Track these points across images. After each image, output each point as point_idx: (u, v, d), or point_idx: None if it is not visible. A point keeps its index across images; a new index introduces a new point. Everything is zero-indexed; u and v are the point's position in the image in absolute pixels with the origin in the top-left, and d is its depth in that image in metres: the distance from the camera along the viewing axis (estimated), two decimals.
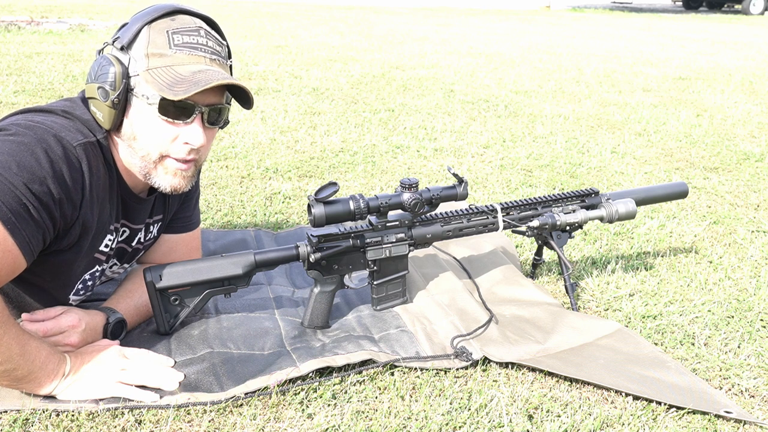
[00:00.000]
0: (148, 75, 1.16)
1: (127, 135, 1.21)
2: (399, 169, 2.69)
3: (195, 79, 1.15)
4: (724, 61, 6.46)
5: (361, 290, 1.57)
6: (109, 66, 1.16)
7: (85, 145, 1.16)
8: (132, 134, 1.20)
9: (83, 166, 1.14)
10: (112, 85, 1.15)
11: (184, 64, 1.17)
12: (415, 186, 1.45)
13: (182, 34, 1.18)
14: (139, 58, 1.16)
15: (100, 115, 1.19)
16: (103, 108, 1.17)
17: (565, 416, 1.21)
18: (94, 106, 1.19)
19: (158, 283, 1.35)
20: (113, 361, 1.22)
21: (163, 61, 1.16)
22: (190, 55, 1.18)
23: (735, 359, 1.44)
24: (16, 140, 1.08)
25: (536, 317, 1.53)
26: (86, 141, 1.17)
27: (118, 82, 1.15)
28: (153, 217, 1.42)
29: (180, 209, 1.50)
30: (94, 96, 1.17)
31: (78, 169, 1.14)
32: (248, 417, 1.17)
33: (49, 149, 1.10)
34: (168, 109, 1.16)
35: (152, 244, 1.48)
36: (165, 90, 1.14)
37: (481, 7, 13.97)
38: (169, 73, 1.16)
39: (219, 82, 1.15)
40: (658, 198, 1.81)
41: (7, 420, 1.12)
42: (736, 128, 3.64)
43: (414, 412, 1.20)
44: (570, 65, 5.81)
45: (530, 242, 2.01)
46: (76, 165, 1.13)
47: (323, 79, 4.57)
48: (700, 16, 14.16)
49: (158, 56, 1.16)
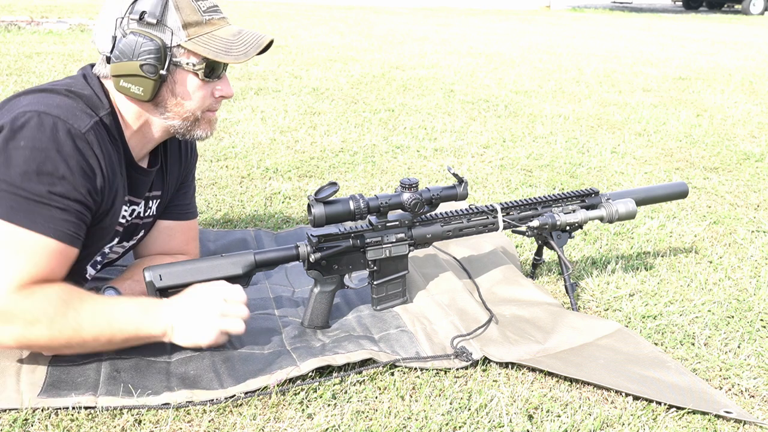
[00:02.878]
0: (192, 44, 1.23)
1: (165, 103, 1.28)
2: (399, 169, 2.69)
3: (242, 40, 1.27)
4: (724, 61, 6.46)
5: (361, 290, 1.57)
6: (149, 42, 1.20)
7: (93, 127, 1.20)
8: (174, 101, 1.28)
9: (95, 150, 1.19)
10: (159, 60, 1.21)
11: (220, 27, 1.27)
12: (415, 186, 1.45)
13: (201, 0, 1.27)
14: (176, 30, 1.22)
15: (137, 89, 1.23)
16: (145, 83, 1.23)
17: (565, 416, 1.21)
18: (129, 82, 1.23)
19: (158, 283, 1.35)
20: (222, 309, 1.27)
21: (202, 29, 1.25)
22: (218, 19, 1.28)
23: (735, 359, 1.44)
24: (28, 147, 1.12)
25: (536, 317, 1.53)
26: (93, 123, 1.20)
27: (164, 55, 1.21)
28: (152, 192, 1.45)
29: (177, 195, 1.55)
30: (135, 73, 1.21)
31: (92, 155, 1.18)
32: (248, 417, 1.17)
33: (60, 148, 1.14)
34: (209, 71, 1.27)
35: (151, 224, 1.51)
36: (222, 56, 1.24)
37: (481, 7, 13.97)
38: (214, 39, 1.25)
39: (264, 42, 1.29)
40: (658, 198, 1.81)
41: (7, 420, 1.12)
42: (736, 128, 3.64)
43: (414, 412, 1.20)
44: (570, 65, 5.81)
45: (530, 242, 2.01)
46: (89, 152, 1.18)
47: (323, 79, 4.57)
48: (700, 16, 14.16)
49: (195, 25, 1.24)
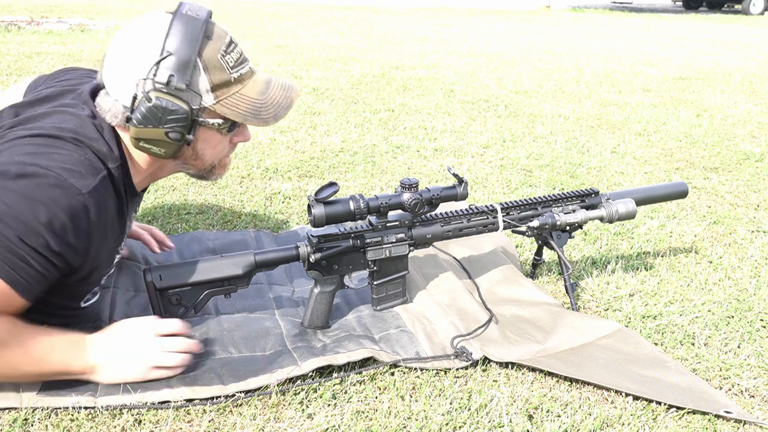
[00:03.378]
0: (220, 107, 1.20)
1: (185, 157, 1.26)
2: (399, 169, 2.69)
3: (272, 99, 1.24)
4: (724, 61, 6.46)
5: (361, 290, 1.57)
6: (176, 109, 1.14)
7: (95, 189, 1.12)
8: (194, 155, 1.26)
9: (90, 213, 1.11)
10: (186, 128, 1.16)
11: (248, 83, 1.23)
12: (415, 186, 1.45)
13: (227, 52, 1.20)
14: (204, 93, 1.18)
15: (158, 150, 1.19)
16: (168, 146, 1.18)
17: (565, 416, 1.21)
18: (151, 144, 1.18)
19: (159, 283, 1.35)
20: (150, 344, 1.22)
21: (230, 89, 1.20)
22: (246, 72, 1.23)
23: (735, 359, 1.44)
24: (18, 190, 1.05)
25: (536, 317, 1.53)
26: (96, 184, 1.13)
27: (191, 122, 1.17)
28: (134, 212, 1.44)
29: None
30: (159, 138, 1.17)
31: (83, 218, 1.10)
32: (248, 417, 1.17)
33: (50, 201, 1.06)
34: (233, 127, 1.26)
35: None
36: (251, 119, 1.23)
37: (481, 7, 13.96)
38: (242, 100, 1.22)
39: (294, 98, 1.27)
40: (658, 198, 1.81)
41: (7, 420, 1.12)
42: (736, 128, 3.64)
43: (414, 412, 1.20)
44: (570, 65, 5.81)
45: (530, 242, 2.01)
46: (81, 215, 1.10)
47: (323, 79, 4.57)
48: (700, 16, 14.16)
49: (224, 86, 1.19)
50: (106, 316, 1.44)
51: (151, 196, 2.23)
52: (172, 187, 2.32)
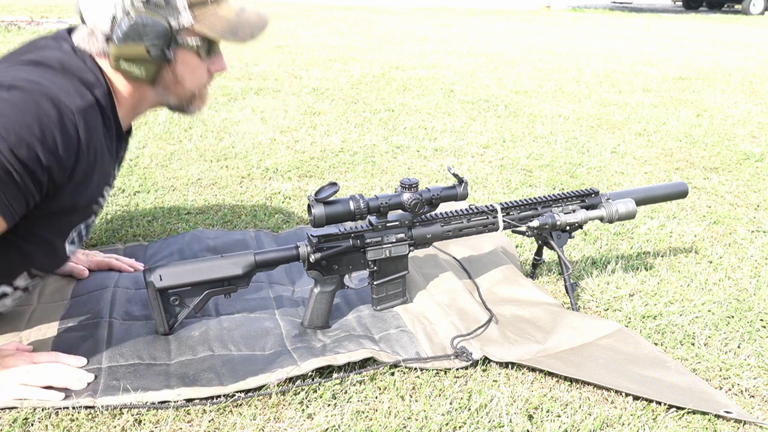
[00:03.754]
0: (199, 26, 1.23)
1: (165, 82, 1.27)
2: (399, 169, 2.69)
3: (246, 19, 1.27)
4: (724, 61, 6.46)
5: (361, 290, 1.57)
6: (156, 25, 1.18)
7: (84, 110, 1.14)
8: (174, 80, 1.28)
9: (80, 131, 1.13)
10: (166, 43, 1.20)
11: (222, 5, 1.25)
12: (415, 186, 1.45)
13: None
14: (182, 10, 1.20)
15: (139, 71, 1.21)
16: (147, 65, 1.21)
17: (565, 416, 1.21)
18: (131, 63, 1.20)
19: (158, 283, 1.35)
20: (16, 364, 1.21)
21: (206, 8, 1.24)
22: None
23: (735, 359, 1.44)
24: (9, 100, 1.05)
25: (536, 317, 1.53)
26: (86, 106, 1.15)
27: (170, 38, 1.20)
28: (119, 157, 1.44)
29: None
30: (140, 56, 1.19)
31: (72, 136, 1.12)
32: (248, 417, 1.17)
33: (42, 114, 1.07)
34: (208, 50, 1.27)
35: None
36: (229, 36, 1.24)
37: (481, 7, 13.96)
38: (219, 20, 1.24)
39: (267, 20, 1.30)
40: (658, 198, 1.81)
41: (7, 420, 1.12)
42: (736, 128, 3.64)
43: (414, 412, 1.20)
44: (570, 65, 5.81)
45: (530, 242, 2.01)
46: (71, 131, 1.11)
47: (323, 79, 4.57)
48: (700, 16, 14.16)
49: (200, 5, 1.22)
50: (107, 314, 1.45)
51: (151, 196, 2.23)
52: (172, 188, 2.32)
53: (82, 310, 1.46)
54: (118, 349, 1.32)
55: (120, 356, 1.30)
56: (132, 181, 2.36)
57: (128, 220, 2.04)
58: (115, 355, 1.30)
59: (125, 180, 2.37)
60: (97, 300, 1.50)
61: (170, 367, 1.28)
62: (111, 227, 1.98)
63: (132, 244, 1.87)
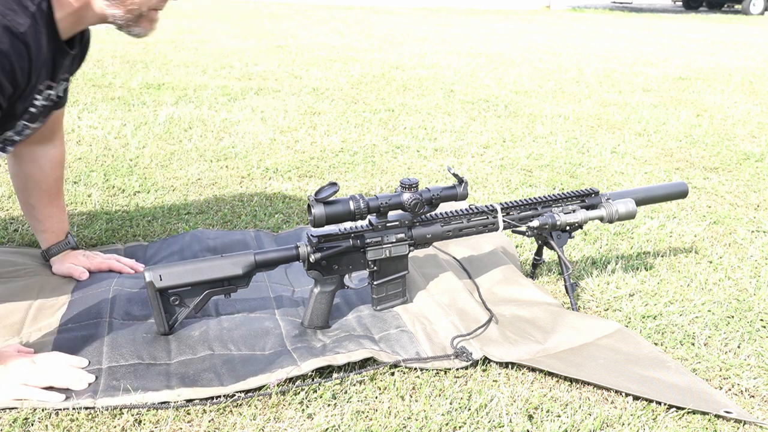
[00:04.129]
0: None
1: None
2: (399, 169, 2.69)
3: None
4: (724, 61, 6.46)
5: (361, 290, 1.57)
6: None
7: (31, 26, 1.13)
8: None
9: (31, 50, 1.14)
10: None
11: None
12: (415, 186, 1.45)
13: None
14: None
15: None
16: None
17: (565, 416, 1.21)
18: None
19: (158, 283, 1.35)
20: (17, 364, 1.21)
21: None
22: None
23: (735, 359, 1.44)
24: None
25: (536, 317, 1.53)
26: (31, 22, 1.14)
27: None
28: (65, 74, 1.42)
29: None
30: None
31: (25, 57, 1.13)
32: (248, 417, 1.17)
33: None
34: None
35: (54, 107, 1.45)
36: None
37: (481, 7, 13.96)
38: None
39: None
40: (658, 198, 1.81)
41: (7, 420, 1.12)
42: (736, 128, 3.64)
43: (414, 412, 1.20)
44: (570, 65, 5.81)
45: (530, 242, 2.01)
46: (23, 54, 1.12)
47: (323, 79, 4.57)
48: (700, 16, 14.16)
49: None
50: (107, 314, 1.45)
51: (151, 196, 2.23)
52: (172, 187, 2.32)
53: (82, 311, 1.47)
54: (118, 350, 1.32)
55: (120, 356, 1.30)
56: (132, 181, 2.36)
57: (128, 220, 2.04)
58: (115, 355, 1.30)
59: (125, 180, 2.37)
60: (97, 300, 1.50)
61: (170, 367, 1.29)
62: (111, 227, 1.98)
63: (132, 244, 1.87)
